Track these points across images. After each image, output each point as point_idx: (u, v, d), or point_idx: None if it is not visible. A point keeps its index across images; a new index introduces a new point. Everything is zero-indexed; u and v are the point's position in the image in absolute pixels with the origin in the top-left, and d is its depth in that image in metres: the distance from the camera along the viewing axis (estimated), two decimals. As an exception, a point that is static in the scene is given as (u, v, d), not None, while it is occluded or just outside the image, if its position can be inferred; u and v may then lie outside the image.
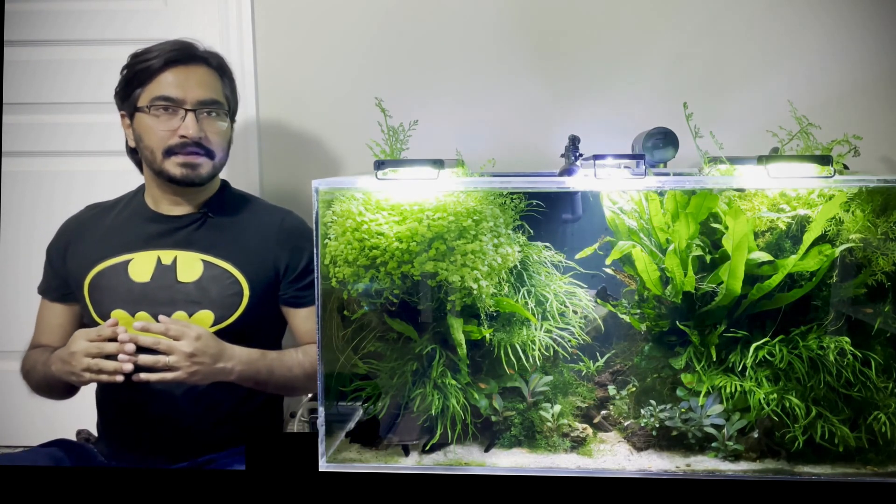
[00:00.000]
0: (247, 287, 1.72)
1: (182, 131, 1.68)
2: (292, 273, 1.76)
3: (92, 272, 1.74)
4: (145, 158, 1.74)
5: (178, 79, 1.69)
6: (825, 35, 2.02)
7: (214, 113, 1.72)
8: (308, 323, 1.77)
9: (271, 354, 1.70)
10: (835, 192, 1.41)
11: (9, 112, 2.17)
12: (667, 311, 1.52)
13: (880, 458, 1.41)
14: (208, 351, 1.59)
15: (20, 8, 2.20)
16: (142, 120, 1.71)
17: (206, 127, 1.70)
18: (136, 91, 1.71)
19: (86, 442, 1.81)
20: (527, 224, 1.56)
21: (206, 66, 1.73)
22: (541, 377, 1.51)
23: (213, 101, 1.72)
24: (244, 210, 1.82)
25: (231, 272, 1.72)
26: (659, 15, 2.05)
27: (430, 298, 1.49)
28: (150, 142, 1.70)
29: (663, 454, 1.46)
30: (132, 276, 1.72)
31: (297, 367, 1.71)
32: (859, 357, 1.40)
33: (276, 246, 1.77)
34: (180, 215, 1.77)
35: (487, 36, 2.08)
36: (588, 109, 2.06)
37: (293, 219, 1.82)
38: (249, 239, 1.77)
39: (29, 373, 1.75)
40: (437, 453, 1.49)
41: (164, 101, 1.68)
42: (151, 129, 1.69)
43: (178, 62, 1.70)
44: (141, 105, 1.70)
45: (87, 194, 1.91)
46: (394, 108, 1.54)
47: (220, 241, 1.75)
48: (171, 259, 1.73)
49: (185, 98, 1.69)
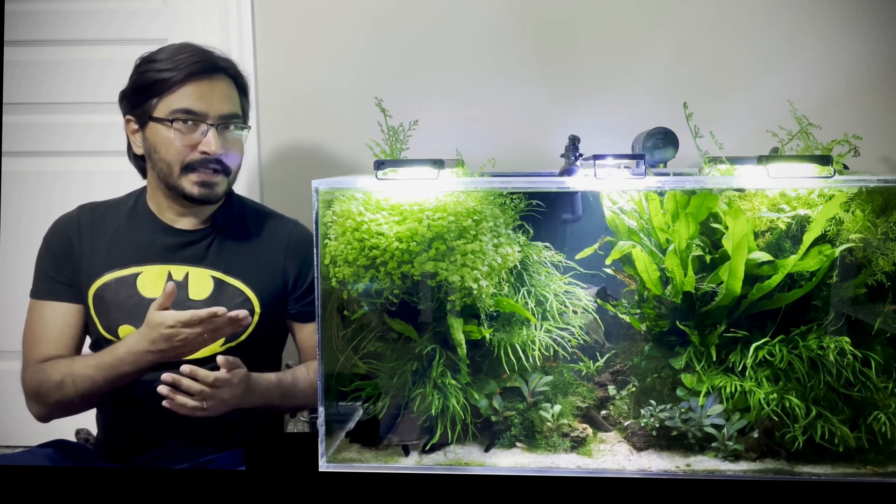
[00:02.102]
0: (258, 305, 1.69)
1: (204, 147, 1.62)
2: (300, 288, 1.74)
3: (97, 283, 1.68)
4: (160, 171, 1.66)
5: (202, 91, 1.62)
6: (825, 35, 2.02)
7: (234, 126, 1.67)
8: (314, 338, 1.69)
9: (286, 380, 1.67)
10: (835, 192, 1.41)
11: (9, 112, 2.17)
12: (667, 311, 1.52)
13: (880, 458, 1.41)
14: (239, 393, 1.55)
15: (20, 8, 2.20)
16: (158, 131, 1.63)
17: (227, 142, 1.65)
18: (151, 100, 1.63)
19: (85, 441, 1.80)
20: (527, 224, 1.56)
21: (226, 76, 1.67)
22: (541, 377, 1.51)
23: (234, 114, 1.67)
24: (252, 222, 1.77)
25: (242, 290, 1.69)
26: (659, 15, 2.05)
27: (430, 298, 1.49)
28: (168, 155, 1.63)
29: (663, 454, 1.46)
30: (142, 291, 1.67)
31: (310, 388, 1.68)
32: (859, 357, 1.40)
33: (285, 259, 1.74)
34: (192, 230, 1.71)
35: (487, 36, 2.08)
36: (588, 109, 2.06)
37: (301, 230, 1.79)
38: (259, 254, 1.73)
39: (44, 394, 1.63)
40: (437, 453, 1.49)
41: (186, 115, 1.61)
42: (169, 142, 1.62)
43: (201, 73, 1.63)
44: (158, 115, 1.63)
45: (87, 194, 1.90)
46: (394, 108, 1.54)
47: (230, 257, 1.71)
48: (182, 275, 1.68)
49: (209, 112, 1.62)
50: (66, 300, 1.71)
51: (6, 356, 2.15)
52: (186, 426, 1.63)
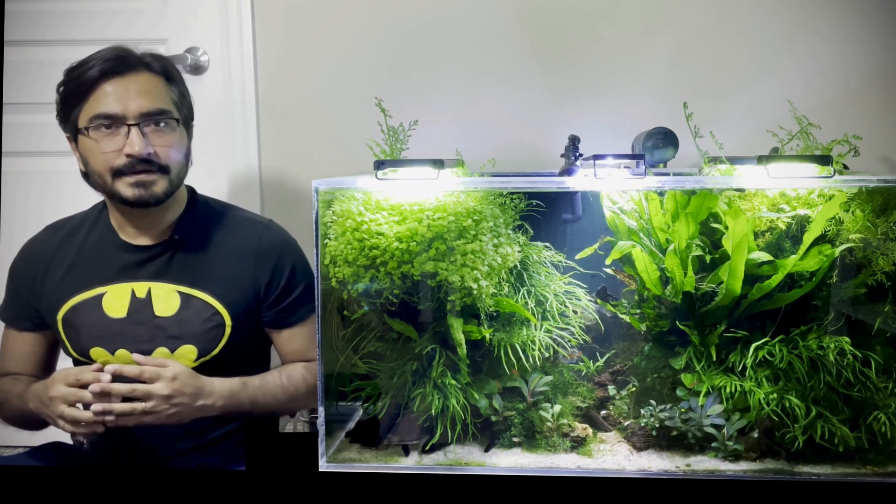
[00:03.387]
0: (228, 317, 1.63)
1: (127, 149, 1.53)
2: (273, 294, 1.66)
3: (64, 307, 1.64)
4: (94, 183, 1.60)
5: (117, 91, 1.53)
6: (825, 35, 2.02)
7: (163, 123, 1.57)
8: (291, 343, 1.69)
9: (253, 382, 1.61)
10: (835, 192, 1.41)
11: (9, 112, 2.17)
12: (667, 311, 1.52)
13: (880, 458, 1.41)
14: (186, 391, 1.50)
15: (20, 8, 2.20)
16: (84, 143, 1.57)
17: (155, 140, 1.55)
18: (74, 110, 1.56)
19: (81, 446, 1.78)
20: (527, 224, 1.56)
21: (147, 71, 1.57)
22: (541, 377, 1.51)
23: (159, 110, 1.56)
24: (218, 229, 1.69)
25: (210, 303, 1.62)
26: (659, 15, 2.05)
27: (430, 298, 1.49)
28: (96, 165, 1.56)
29: (663, 454, 1.46)
30: (107, 312, 1.62)
31: (280, 393, 1.63)
32: (859, 357, 1.40)
33: (254, 267, 1.66)
34: (151, 245, 1.64)
35: (488, 36, 2.08)
36: (588, 109, 2.06)
37: (270, 234, 1.71)
38: (226, 263, 1.65)
39: (0, 405, 1.65)
40: (437, 453, 1.49)
41: (104, 119, 1.53)
42: (94, 151, 1.55)
43: (114, 73, 1.54)
44: (81, 126, 1.55)
45: (87, 194, 1.90)
46: (394, 108, 1.54)
47: (195, 269, 1.64)
48: (145, 292, 1.62)
49: (126, 112, 1.53)
50: (27, 330, 1.71)
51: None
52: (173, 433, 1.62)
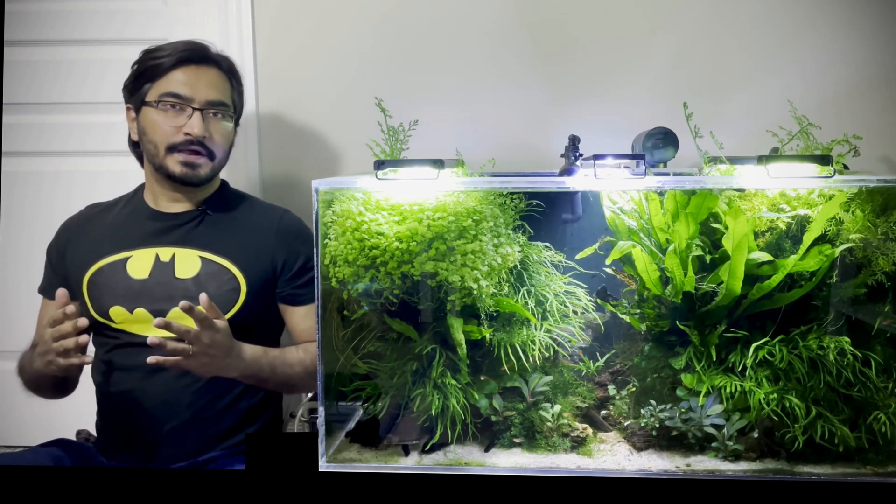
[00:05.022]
0: (244, 283, 1.74)
1: (187, 129, 1.71)
2: (289, 271, 1.78)
3: (91, 270, 1.75)
4: (147, 152, 1.76)
5: (189, 77, 1.72)
6: (825, 35, 2.02)
7: (220, 114, 1.75)
8: (306, 321, 1.78)
9: (273, 352, 1.71)
10: (835, 192, 1.41)
11: (9, 112, 2.17)
12: (667, 311, 1.52)
13: (880, 458, 1.41)
14: (223, 345, 1.59)
15: (20, 8, 2.20)
16: (148, 114, 1.73)
17: (211, 127, 1.74)
18: (145, 86, 1.73)
19: (86, 441, 1.81)
20: (527, 224, 1.56)
21: (217, 68, 1.77)
22: (541, 377, 1.51)
23: (220, 102, 1.75)
24: (242, 208, 1.84)
25: (228, 268, 1.74)
26: (659, 15, 2.05)
27: (430, 298, 1.49)
28: (155, 136, 1.73)
29: (663, 454, 1.46)
30: (130, 273, 1.73)
31: (298, 365, 1.73)
32: (859, 357, 1.40)
33: (274, 244, 1.78)
34: (179, 212, 1.79)
35: (487, 36, 2.08)
36: (588, 109, 2.06)
37: (291, 217, 1.85)
38: (247, 236, 1.78)
39: (22, 370, 1.75)
40: (437, 453, 1.49)
41: (173, 98, 1.71)
42: (157, 124, 1.72)
43: (190, 61, 1.73)
44: (149, 99, 1.73)
45: (88, 194, 1.91)
46: (394, 108, 1.54)
47: (217, 238, 1.77)
48: (169, 256, 1.74)
49: (194, 97, 1.72)
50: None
51: (6, 356, 2.15)
52: (182, 414, 1.68)
